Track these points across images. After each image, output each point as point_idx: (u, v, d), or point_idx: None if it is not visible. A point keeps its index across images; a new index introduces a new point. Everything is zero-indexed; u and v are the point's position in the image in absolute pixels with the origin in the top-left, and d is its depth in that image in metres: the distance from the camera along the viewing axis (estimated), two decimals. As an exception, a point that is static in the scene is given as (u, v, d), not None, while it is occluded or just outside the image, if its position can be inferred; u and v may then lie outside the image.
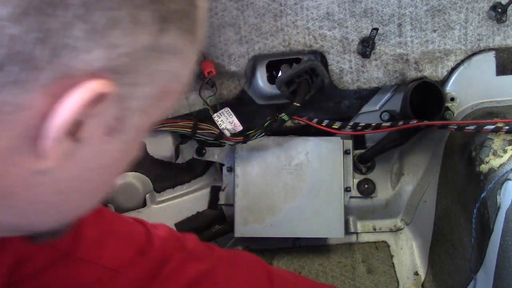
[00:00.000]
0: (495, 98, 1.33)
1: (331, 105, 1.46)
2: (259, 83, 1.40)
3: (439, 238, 1.38)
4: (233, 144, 1.37)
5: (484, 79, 1.32)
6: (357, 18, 1.29)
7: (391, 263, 1.51)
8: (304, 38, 1.30)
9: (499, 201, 1.06)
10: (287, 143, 1.44)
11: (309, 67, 1.28)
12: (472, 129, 1.21)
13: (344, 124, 1.37)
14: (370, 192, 1.51)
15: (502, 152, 1.11)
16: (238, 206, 1.43)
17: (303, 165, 1.43)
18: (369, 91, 1.42)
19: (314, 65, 1.27)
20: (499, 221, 1.07)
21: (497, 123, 1.17)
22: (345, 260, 1.53)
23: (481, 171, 1.14)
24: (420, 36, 1.30)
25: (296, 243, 1.56)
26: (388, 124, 1.33)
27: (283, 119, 1.31)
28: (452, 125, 1.25)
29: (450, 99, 1.34)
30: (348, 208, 1.50)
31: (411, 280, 1.48)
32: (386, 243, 1.54)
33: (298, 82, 1.31)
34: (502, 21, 1.28)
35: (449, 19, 1.29)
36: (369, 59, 1.31)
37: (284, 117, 1.31)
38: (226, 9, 1.27)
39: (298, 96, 1.30)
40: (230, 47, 1.30)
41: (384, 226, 1.54)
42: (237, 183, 1.44)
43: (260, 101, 1.44)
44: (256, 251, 1.56)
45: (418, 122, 1.26)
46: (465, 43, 1.30)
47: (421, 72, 1.32)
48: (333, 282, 1.50)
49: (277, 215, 1.43)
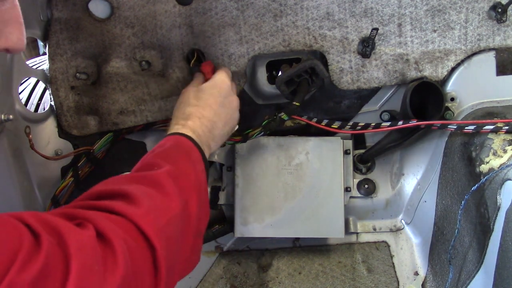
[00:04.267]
0: (495, 98, 1.33)
1: (331, 105, 1.46)
2: (259, 83, 1.40)
3: (439, 238, 1.38)
4: (232, 143, 1.38)
5: (484, 79, 1.32)
6: (357, 18, 1.29)
7: (391, 263, 1.51)
8: (304, 38, 1.30)
9: (499, 201, 1.06)
10: (287, 143, 1.44)
11: (308, 66, 1.28)
12: (472, 129, 1.21)
13: (344, 124, 1.37)
14: (370, 192, 1.51)
15: (502, 152, 1.11)
16: (238, 206, 1.43)
17: (303, 165, 1.44)
18: (369, 91, 1.42)
19: (314, 64, 1.27)
20: (499, 221, 1.07)
21: (497, 123, 1.17)
22: (345, 260, 1.53)
23: (481, 171, 1.14)
24: (420, 36, 1.30)
25: (296, 243, 1.56)
26: (387, 124, 1.33)
27: (282, 118, 1.31)
28: (452, 125, 1.25)
29: (450, 99, 1.34)
30: (348, 208, 1.51)
31: (411, 280, 1.48)
32: (386, 243, 1.54)
33: (297, 81, 1.31)
34: (502, 21, 1.28)
35: (449, 19, 1.29)
36: (369, 59, 1.31)
37: (284, 116, 1.31)
38: (226, 9, 1.27)
39: (298, 95, 1.30)
40: (230, 47, 1.30)
41: (384, 226, 1.54)
42: (237, 183, 1.44)
43: (260, 101, 1.44)
44: (256, 251, 1.56)
45: (417, 121, 1.27)
46: (465, 43, 1.30)
47: (421, 72, 1.32)
48: (333, 282, 1.50)
49: (277, 215, 1.43)
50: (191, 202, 0.92)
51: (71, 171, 1.34)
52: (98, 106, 1.33)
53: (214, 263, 1.54)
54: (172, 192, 0.88)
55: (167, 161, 0.95)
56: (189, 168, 0.98)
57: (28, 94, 1.70)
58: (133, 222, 0.77)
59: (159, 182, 0.89)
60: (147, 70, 1.31)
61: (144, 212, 0.80)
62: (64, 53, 1.28)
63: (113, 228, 0.73)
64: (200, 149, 1.05)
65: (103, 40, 1.28)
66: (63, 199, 1.34)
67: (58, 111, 1.32)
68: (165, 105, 1.33)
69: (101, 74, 1.31)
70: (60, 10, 1.25)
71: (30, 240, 0.63)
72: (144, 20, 1.27)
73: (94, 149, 1.35)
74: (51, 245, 0.64)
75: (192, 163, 1.00)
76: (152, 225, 0.78)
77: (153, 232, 0.78)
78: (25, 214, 0.67)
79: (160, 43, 1.29)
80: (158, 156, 0.98)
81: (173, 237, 0.84)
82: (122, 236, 0.73)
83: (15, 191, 1.22)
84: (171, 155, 0.99)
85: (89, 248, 0.68)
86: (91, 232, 0.70)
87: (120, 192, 0.83)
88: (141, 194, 0.83)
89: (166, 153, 0.99)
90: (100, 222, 0.72)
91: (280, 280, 1.51)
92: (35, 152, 1.23)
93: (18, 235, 0.63)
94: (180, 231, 0.87)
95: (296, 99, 1.29)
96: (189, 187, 0.94)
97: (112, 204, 0.79)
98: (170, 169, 0.93)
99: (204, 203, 1.00)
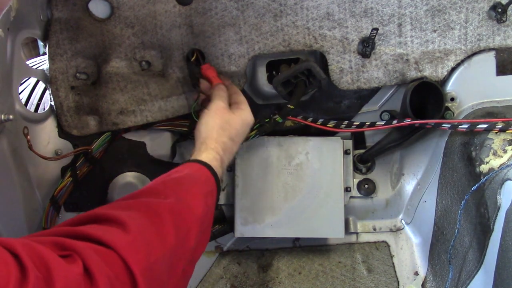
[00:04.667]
0: (495, 98, 1.33)
1: (331, 105, 1.46)
2: (259, 83, 1.40)
3: (439, 238, 1.38)
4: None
5: (484, 79, 1.32)
6: (357, 18, 1.29)
7: (391, 263, 1.51)
8: (304, 38, 1.30)
9: (499, 201, 1.06)
10: (287, 143, 1.44)
11: (304, 68, 1.28)
12: (465, 127, 1.21)
13: (339, 123, 1.37)
14: (370, 192, 1.51)
15: (502, 152, 1.11)
16: (238, 206, 1.43)
17: (303, 165, 1.44)
18: (369, 91, 1.42)
19: (310, 66, 1.27)
20: (499, 221, 1.07)
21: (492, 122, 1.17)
22: (345, 260, 1.53)
23: (481, 171, 1.14)
24: (420, 36, 1.30)
25: (296, 243, 1.56)
26: (382, 123, 1.33)
27: (277, 120, 1.32)
28: (446, 123, 1.25)
29: (450, 99, 1.34)
30: (348, 208, 1.51)
31: (411, 280, 1.48)
32: (386, 243, 1.54)
33: (294, 83, 1.31)
34: (502, 21, 1.28)
35: (449, 19, 1.29)
36: (369, 59, 1.31)
37: (278, 119, 1.32)
38: (226, 9, 1.27)
39: (292, 98, 1.30)
40: (230, 47, 1.30)
41: (384, 226, 1.54)
42: (237, 183, 1.44)
43: (260, 101, 1.44)
44: (256, 251, 1.56)
45: (411, 120, 1.27)
46: (465, 43, 1.30)
47: (421, 72, 1.32)
48: (333, 282, 1.50)
49: (277, 215, 1.43)
50: (190, 235, 0.91)
51: (70, 171, 1.35)
52: (98, 106, 1.33)
53: (214, 263, 1.54)
54: (169, 227, 0.86)
55: (176, 192, 0.94)
56: (199, 202, 0.97)
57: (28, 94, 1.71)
58: (121, 257, 0.77)
59: (159, 214, 0.87)
60: (147, 70, 1.31)
61: (135, 248, 0.79)
62: (64, 53, 1.28)
63: (100, 265, 0.73)
64: (217, 178, 1.05)
65: (103, 40, 1.28)
66: (62, 199, 1.34)
67: (58, 111, 1.32)
68: (165, 105, 1.33)
69: (101, 74, 1.31)
70: (60, 10, 1.25)
71: (17, 276, 0.64)
72: (144, 20, 1.27)
73: (92, 148, 1.35)
74: (38, 280, 0.65)
75: (204, 196, 0.99)
76: (140, 263, 0.78)
77: (140, 271, 0.78)
78: (17, 243, 0.69)
79: (160, 43, 1.29)
80: (170, 183, 0.97)
81: (161, 273, 0.83)
82: (108, 274, 0.74)
83: (15, 191, 1.22)
84: (183, 185, 0.97)
85: (74, 287, 0.69)
86: (78, 268, 0.71)
87: (117, 219, 0.83)
88: (137, 225, 0.83)
89: (180, 182, 0.98)
90: (89, 257, 0.73)
91: (280, 280, 1.51)
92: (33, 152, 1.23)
93: (6, 271, 0.64)
94: (170, 265, 0.86)
95: (291, 102, 1.29)
96: (192, 221, 0.92)
97: (105, 234, 0.79)
98: (174, 202, 0.91)
99: (205, 232, 0.99)
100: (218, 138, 1.12)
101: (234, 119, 1.16)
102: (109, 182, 1.42)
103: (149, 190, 0.96)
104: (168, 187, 0.96)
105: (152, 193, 0.94)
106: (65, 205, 1.40)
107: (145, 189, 0.97)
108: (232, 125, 1.15)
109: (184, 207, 0.93)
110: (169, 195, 0.93)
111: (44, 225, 1.32)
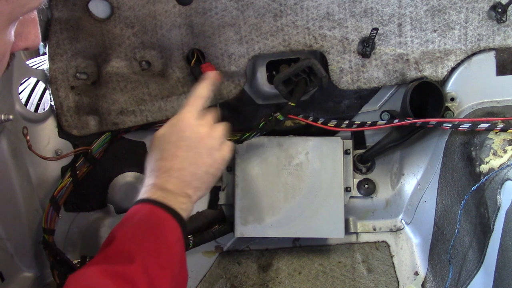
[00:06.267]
0: (495, 98, 1.33)
1: (331, 105, 1.46)
2: (259, 83, 1.40)
3: (439, 238, 1.38)
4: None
5: (484, 79, 1.32)
6: (357, 18, 1.29)
7: (391, 263, 1.51)
8: (304, 38, 1.30)
9: (499, 201, 1.06)
10: (287, 143, 1.44)
11: (306, 65, 1.28)
12: (467, 127, 1.21)
13: (340, 122, 1.37)
14: (370, 192, 1.51)
15: (502, 152, 1.11)
16: (238, 206, 1.43)
17: (303, 165, 1.44)
18: (369, 91, 1.42)
19: (311, 64, 1.27)
20: (499, 221, 1.07)
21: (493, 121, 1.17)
22: (345, 260, 1.53)
23: (481, 171, 1.14)
24: (420, 36, 1.30)
25: (296, 243, 1.56)
26: (383, 122, 1.33)
27: (278, 118, 1.32)
28: (447, 123, 1.25)
29: (450, 99, 1.34)
30: (348, 208, 1.51)
31: (411, 280, 1.48)
32: (386, 243, 1.54)
33: (295, 81, 1.31)
34: (502, 21, 1.28)
35: (449, 19, 1.29)
36: (369, 59, 1.31)
37: (279, 116, 1.32)
38: (226, 9, 1.27)
39: (293, 96, 1.30)
40: (230, 47, 1.30)
41: (384, 226, 1.54)
42: (237, 183, 1.44)
43: (260, 100, 1.44)
44: (256, 251, 1.56)
45: (412, 119, 1.27)
46: (465, 43, 1.31)
47: (421, 72, 1.32)
48: (333, 282, 1.50)
49: (277, 215, 1.43)
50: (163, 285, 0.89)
51: (69, 171, 1.34)
52: (98, 106, 1.33)
53: (214, 263, 1.54)
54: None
55: (139, 247, 0.90)
56: (161, 250, 0.92)
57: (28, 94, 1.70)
58: None
59: (133, 282, 0.85)
60: (147, 70, 1.31)
61: None
62: (64, 53, 1.28)
63: None
64: (173, 212, 0.97)
65: (103, 40, 1.28)
66: (61, 199, 1.34)
67: (58, 111, 1.32)
68: (165, 105, 1.33)
69: (101, 74, 1.31)
70: (60, 10, 1.25)
71: None
72: (144, 20, 1.27)
73: (92, 148, 1.35)
74: None
75: (163, 241, 0.93)
76: None
77: None
78: None
79: (160, 43, 1.29)
80: (127, 239, 0.92)
81: None
82: None
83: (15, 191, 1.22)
84: (139, 237, 0.92)
85: None
86: None
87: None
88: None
89: (135, 234, 0.93)
90: None
91: (280, 280, 1.51)
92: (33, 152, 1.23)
93: None
94: None
95: (292, 100, 1.29)
96: (162, 276, 0.90)
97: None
98: (141, 264, 0.88)
99: (180, 274, 0.95)
100: (153, 164, 1.04)
101: (159, 137, 1.07)
102: (109, 182, 1.42)
103: (112, 250, 0.91)
104: (127, 244, 0.91)
105: (117, 254, 0.90)
106: (65, 205, 1.40)
107: (106, 242, 0.93)
108: (161, 142, 1.06)
109: (152, 264, 0.89)
110: (133, 255, 0.89)
111: (44, 225, 1.31)
